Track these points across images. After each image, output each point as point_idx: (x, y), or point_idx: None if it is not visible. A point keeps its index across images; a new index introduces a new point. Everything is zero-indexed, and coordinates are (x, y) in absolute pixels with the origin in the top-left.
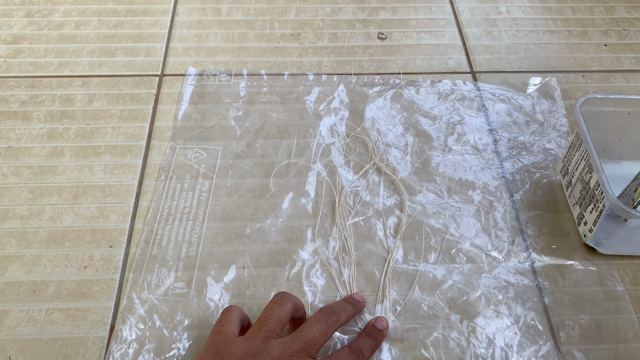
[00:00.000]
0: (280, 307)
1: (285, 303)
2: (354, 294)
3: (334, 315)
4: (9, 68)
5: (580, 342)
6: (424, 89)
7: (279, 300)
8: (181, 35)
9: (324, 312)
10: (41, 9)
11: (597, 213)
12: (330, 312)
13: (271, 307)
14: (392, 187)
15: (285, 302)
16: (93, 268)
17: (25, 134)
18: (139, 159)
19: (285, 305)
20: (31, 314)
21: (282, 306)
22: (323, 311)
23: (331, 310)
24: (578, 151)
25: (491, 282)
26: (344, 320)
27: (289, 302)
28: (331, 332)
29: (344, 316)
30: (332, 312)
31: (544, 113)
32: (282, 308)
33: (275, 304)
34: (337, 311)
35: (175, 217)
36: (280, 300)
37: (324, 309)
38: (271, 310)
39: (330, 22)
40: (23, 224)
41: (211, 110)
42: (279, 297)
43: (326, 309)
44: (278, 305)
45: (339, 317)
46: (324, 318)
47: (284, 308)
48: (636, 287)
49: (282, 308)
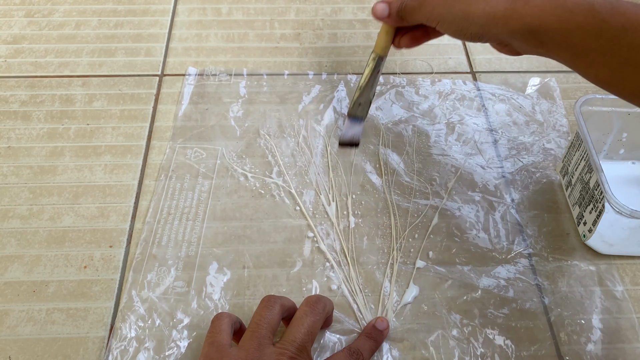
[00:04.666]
0: (269, 312)
1: (273, 306)
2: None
3: (318, 303)
4: (9, 68)
5: (580, 342)
6: (424, 89)
7: (266, 304)
8: (181, 35)
9: (309, 303)
10: (41, 9)
11: (597, 213)
12: (315, 301)
13: (260, 313)
14: (392, 187)
15: (273, 306)
16: (93, 268)
17: (25, 134)
18: (139, 159)
19: (273, 309)
20: (31, 314)
21: (270, 310)
22: (308, 303)
23: (315, 299)
24: (578, 151)
25: (491, 282)
26: (329, 307)
27: (276, 304)
28: (320, 323)
29: (328, 304)
30: (317, 301)
31: (543, 113)
32: (270, 312)
33: (263, 309)
34: (320, 299)
35: (175, 217)
36: (267, 304)
37: (308, 300)
38: (260, 316)
39: (330, 22)
40: (23, 224)
41: (211, 110)
42: (266, 301)
43: (310, 299)
44: (266, 309)
45: (323, 304)
46: (311, 311)
47: (272, 312)
48: (636, 287)
49: (270, 312)
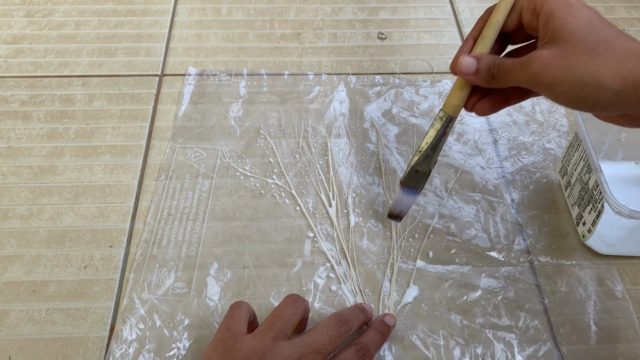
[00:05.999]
0: (293, 309)
1: (298, 306)
2: (363, 304)
3: (346, 324)
4: (9, 68)
5: (580, 342)
6: (424, 89)
7: (293, 302)
8: (181, 35)
9: (337, 319)
10: (41, 9)
11: (596, 213)
12: (344, 321)
13: (283, 307)
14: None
15: (298, 305)
16: (93, 268)
17: (25, 134)
18: (139, 159)
19: (298, 308)
20: (31, 314)
21: (295, 308)
22: (336, 318)
23: (344, 318)
24: (577, 151)
25: (491, 282)
26: (354, 330)
27: (302, 305)
28: (341, 340)
29: (356, 324)
30: (345, 321)
31: (543, 113)
32: (294, 310)
33: (288, 305)
34: (350, 319)
35: (175, 217)
36: (294, 302)
37: (338, 316)
38: (283, 311)
39: (330, 22)
40: (23, 224)
41: (211, 110)
42: (293, 299)
43: (339, 316)
44: (291, 306)
45: (351, 326)
46: (336, 326)
47: (296, 310)
48: (636, 287)
49: (294, 310)
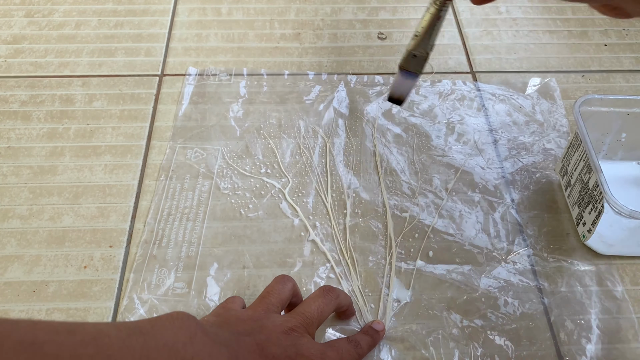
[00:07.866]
0: (282, 285)
1: (286, 282)
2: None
3: (332, 292)
4: (9, 68)
5: (580, 342)
6: (424, 89)
7: (280, 280)
8: (181, 35)
9: (323, 289)
10: (41, 9)
11: (596, 213)
12: (329, 289)
13: (272, 285)
14: (392, 187)
15: (286, 282)
16: (93, 268)
17: (25, 134)
18: (139, 159)
19: (286, 285)
20: (31, 314)
21: (283, 285)
22: (322, 288)
23: (330, 287)
24: (577, 151)
25: (491, 282)
26: (341, 299)
27: (290, 282)
28: (330, 308)
29: (342, 295)
30: (331, 289)
31: (543, 113)
32: (283, 286)
33: (277, 283)
34: (335, 290)
35: (175, 217)
36: (281, 280)
37: (323, 287)
38: (272, 287)
39: (330, 22)
40: (23, 224)
41: (211, 110)
42: (280, 277)
43: (325, 287)
44: (279, 284)
45: (337, 293)
46: (323, 294)
47: (284, 286)
48: (636, 287)
49: (283, 286)
